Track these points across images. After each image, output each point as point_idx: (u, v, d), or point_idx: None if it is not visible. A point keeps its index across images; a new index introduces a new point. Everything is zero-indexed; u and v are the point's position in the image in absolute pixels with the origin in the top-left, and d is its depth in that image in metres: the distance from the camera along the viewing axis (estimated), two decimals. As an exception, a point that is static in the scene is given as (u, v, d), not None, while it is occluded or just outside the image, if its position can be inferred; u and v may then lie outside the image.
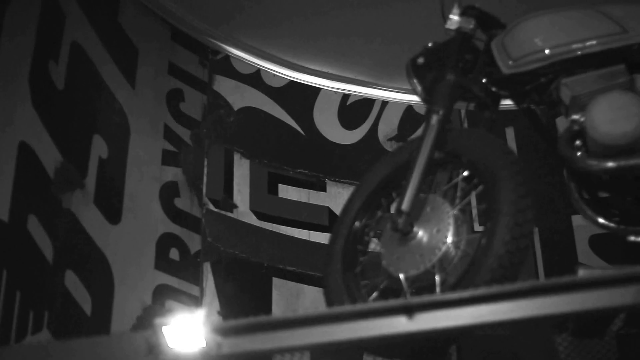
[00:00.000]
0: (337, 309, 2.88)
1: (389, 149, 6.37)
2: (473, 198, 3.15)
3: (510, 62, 3.26)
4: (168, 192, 5.56)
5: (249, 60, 6.37)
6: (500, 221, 2.88)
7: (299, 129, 6.41)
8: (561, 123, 3.22)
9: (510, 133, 6.30)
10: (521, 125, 5.93)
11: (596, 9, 3.23)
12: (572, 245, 6.06)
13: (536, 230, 5.86)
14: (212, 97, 6.11)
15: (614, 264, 5.54)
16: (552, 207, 5.82)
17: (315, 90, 6.58)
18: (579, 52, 3.15)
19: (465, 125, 3.94)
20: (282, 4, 6.03)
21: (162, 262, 5.32)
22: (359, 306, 2.88)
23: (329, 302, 3.21)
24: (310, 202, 6.18)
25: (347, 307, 2.91)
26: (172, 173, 5.64)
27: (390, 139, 6.54)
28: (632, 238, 3.08)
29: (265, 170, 6.13)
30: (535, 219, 2.96)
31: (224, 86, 6.20)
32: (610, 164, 2.91)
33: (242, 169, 6.02)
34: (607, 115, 2.90)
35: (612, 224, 3.08)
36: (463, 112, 3.62)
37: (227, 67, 6.29)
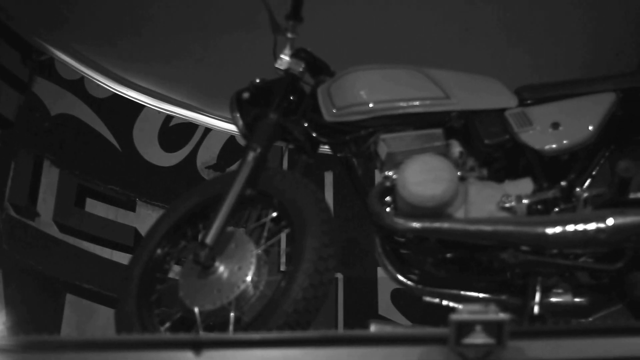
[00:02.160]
0: (123, 336, 2.80)
1: (206, 177, 6.33)
2: (284, 239, 3.14)
3: (333, 111, 3.29)
4: (-34, 192, 5.29)
5: (74, 66, 6.18)
6: (301, 267, 2.90)
7: (116, 144, 6.26)
8: (379, 177, 3.27)
9: (329, 177, 6.37)
10: (341, 171, 6.01)
11: (424, 71, 3.31)
12: (374, 297, 6.16)
13: (341, 277, 5.94)
14: (30, 99, 5.87)
15: (412, 320, 5.68)
16: (360, 256, 5.90)
17: (138, 107, 6.45)
18: (400, 111, 3.22)
19: (286, 163, 3.95)
20: (116, 16, 5.91)
21: (-51, 266, 5.04)
22: (146, 336, 2.82)
23: (119, 328, 3.12)
24: (118, 220, 6.03)
25: (134, 336, 2.84)
26: (-26, 173, 5.37)
27: (208, 167, 6.49)
28: (428, 298, 3.15)
29: (75, 182, 5.93)
30: (336, 268, 2.98)
31: (44, 89, 5.97)
32: (415, 225, 2.96)
33: (50, 177, 5.80)
34: (418, 177, 2.96)
35: (409, 282, 3.14)
36: (285, 148, 3.62)
37: (50, 70, 6.07)
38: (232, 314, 2.95)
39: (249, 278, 2.99)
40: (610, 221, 2.87)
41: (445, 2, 5.75)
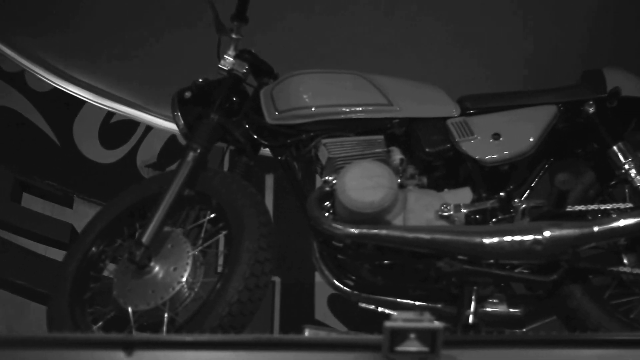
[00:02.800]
0: (54, 334, 2.75)
1: (146, 176, 6.25)
2: (222, 241, 3.12)
3: (275, 113, 3.28)
4: None
5: (14, 59, 6.09)
6: (237, 269, 2.89)
7: (55, 140, 6.16)
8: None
9: (269, 180, 6.34)
10: (283, 174, 5.98)
11: (368, 77, 3.32)
12: (311, 301, 6.15)
13: (278, 281, 5.92)
14: (-33, 91, 5.79)
15: (348, 325, 5.68)
16: (298, 261, 5.87)
17: (79, 103, 6.36)
18: (342, 116, 3.22)
19: (226, 164, 3.92)
20: (59, 10, 5.82)
21: None
22: (77, 335, 2.77)
23: (50, 325, 3.08)
24: (54, 216, 5.94)
25: (65, 334, 2.79)
26: None
27: (148, 166, 6.41)
28: (363, 305, 3.15)
29: (12, 176, 5.83)
30: (273, 272, 2.98)
31: (-17, 81, 5.89)
32: (352, 231, 2.96)
33: (-13, 171, 5.71)
34: (358, 183, 2.96)
35: (345, 288, 3.14)
36: (225, 149, 3.59)
37: (-10, 62, 5.98)
38: (166, 315, 2.93)
39: (184, 279, 2.97)
40: (547, 233, 2.90)
41: (395, 10, 5.77)
